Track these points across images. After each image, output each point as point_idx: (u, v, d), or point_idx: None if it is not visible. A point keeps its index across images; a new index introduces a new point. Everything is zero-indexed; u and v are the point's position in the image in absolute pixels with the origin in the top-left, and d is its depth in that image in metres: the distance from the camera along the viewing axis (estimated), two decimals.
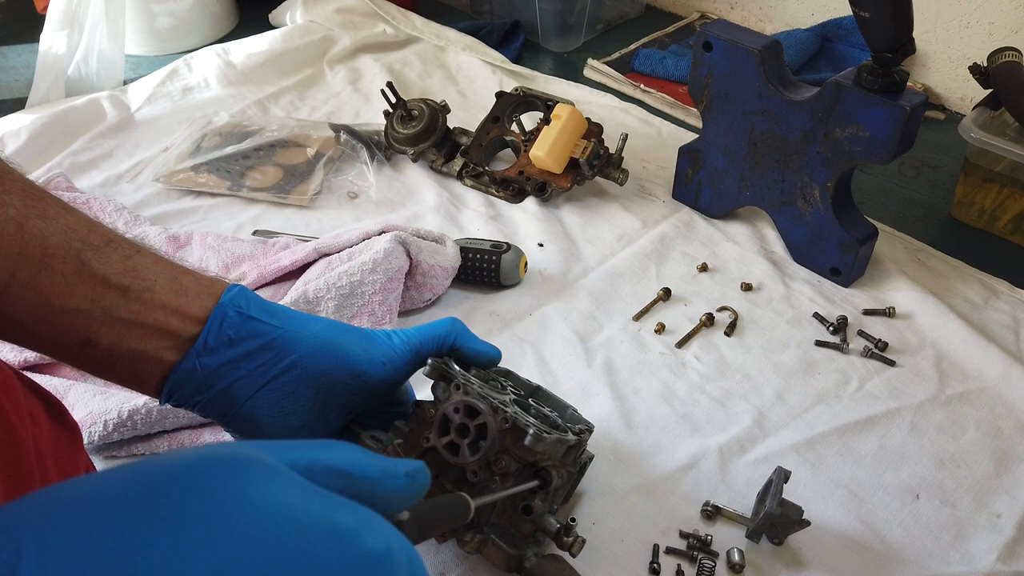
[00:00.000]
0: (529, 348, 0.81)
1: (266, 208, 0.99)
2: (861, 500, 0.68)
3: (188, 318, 0.48)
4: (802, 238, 0.91)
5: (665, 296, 0.87)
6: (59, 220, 0.45)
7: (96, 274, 0.45)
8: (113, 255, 0.46)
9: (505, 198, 1.01)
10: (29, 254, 0.43)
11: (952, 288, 0.90)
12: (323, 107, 1.20)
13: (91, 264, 0.45)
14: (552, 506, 0.57)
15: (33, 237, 0.43)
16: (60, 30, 1.17)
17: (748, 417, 0.75)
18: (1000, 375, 0.79)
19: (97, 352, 0.47)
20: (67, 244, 0.45)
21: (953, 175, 1.10)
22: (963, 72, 1.24)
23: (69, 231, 0.45)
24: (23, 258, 0.43)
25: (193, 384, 0.49)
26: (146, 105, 1.16)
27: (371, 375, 0.54)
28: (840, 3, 1.34)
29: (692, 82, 0.92)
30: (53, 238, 0.44)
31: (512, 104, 1.06)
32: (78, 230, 0.46)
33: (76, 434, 0.55)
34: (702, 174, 0.97)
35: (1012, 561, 0.64)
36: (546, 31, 1.40)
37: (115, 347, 0.47)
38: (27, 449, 0.44)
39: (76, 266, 0.45)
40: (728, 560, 0.63)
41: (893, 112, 0.77)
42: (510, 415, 0.53)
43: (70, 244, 0.45)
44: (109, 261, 0.46)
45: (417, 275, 0.82)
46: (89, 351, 0.47)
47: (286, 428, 0.52)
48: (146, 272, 0.47)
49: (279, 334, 0.51)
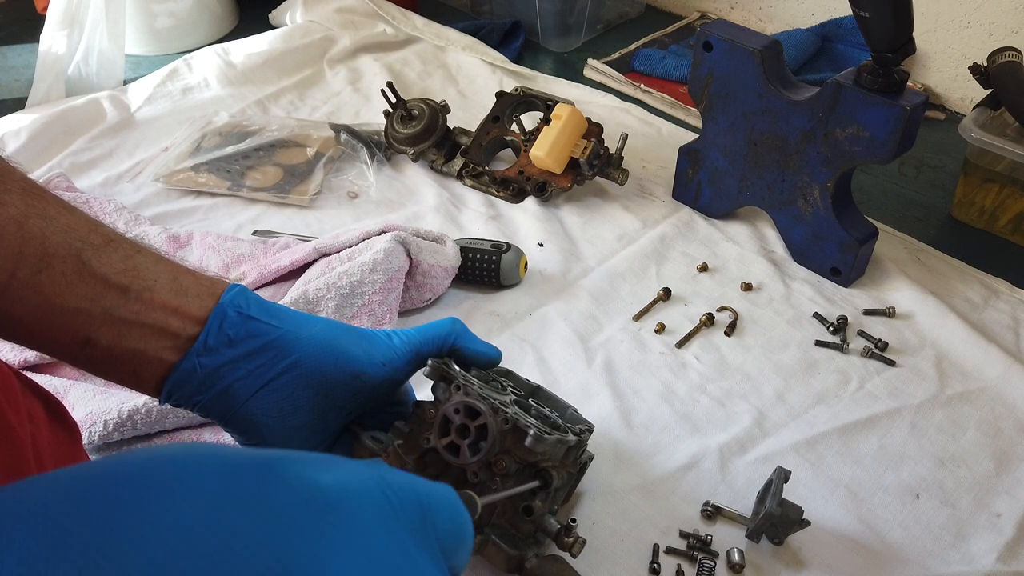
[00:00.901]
0: (529, 348, 0.81)
1: (266, 208, 0.99)
2: (861, 500, 0.68)
3: (188, 318, 0.49)
4: (802, 238, 0.91)
5: (665, 296, 0.87)
6: (60, 219, 0.45)
7: (96, 274, 0.45)
8: (113, 255, 0.46)
9: (505, 198, 1.01)
10: (29, 253, 0.43)
11: (952, 288, 0.90)
12: (323, 107, 1.20)
13: (91, 264, 0.45)
14: (553, 506, 0.57)
15: (33, 236, 0.43)
16: (60, 30, 1.17)
17: (748, 417, 0.75)
18: (1000, 375, 0.79)
19: (97, 351, 0.47)
20: (67, 244, 0.45)
21: (953, 175, 1.10)
22: (963, 72, 1.24)
23: (69, 230, 0.45)
24: (23, 257, 0.43)
25: (193, 384, 0.49)
26: (146, 105, 1.16)
27: (371, 376, 0.54)
28: (840, 3, 1.34)
29: (692, 82, 0.92)
30: (53, 237, 0.44)
31: (512, 104, 1.06)
32: (78, 230, 0.46)
33: (75, 433, 0.55)
34: (702, 174, 0.97)
35: (1012, 561, 0.64)
36: (546, 31, 1.40)
37: (115, 347, 0.47)
38: (25, 449, 0.44)
39: (76, 266, 0.45)
40: (728, 560, 0.63)
41: (893, 112, 0.77)
42: (511, 416, 0.53)
43: (70, 244, 0.45)
44: (109, 261, 0.46)
45: (417, 275, 0.82)
46: (89, 350, 0.47)
47: (285, 428, 0.52)
48: (146, 272, 0.47)
49: (279, 334, 0.51)
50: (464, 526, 0.35)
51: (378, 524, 0.30)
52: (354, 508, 0.30)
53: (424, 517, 0.33)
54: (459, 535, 0.35)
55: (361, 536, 0.29)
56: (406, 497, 0.32)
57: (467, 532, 0.36)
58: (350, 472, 0.31)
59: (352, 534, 0.29)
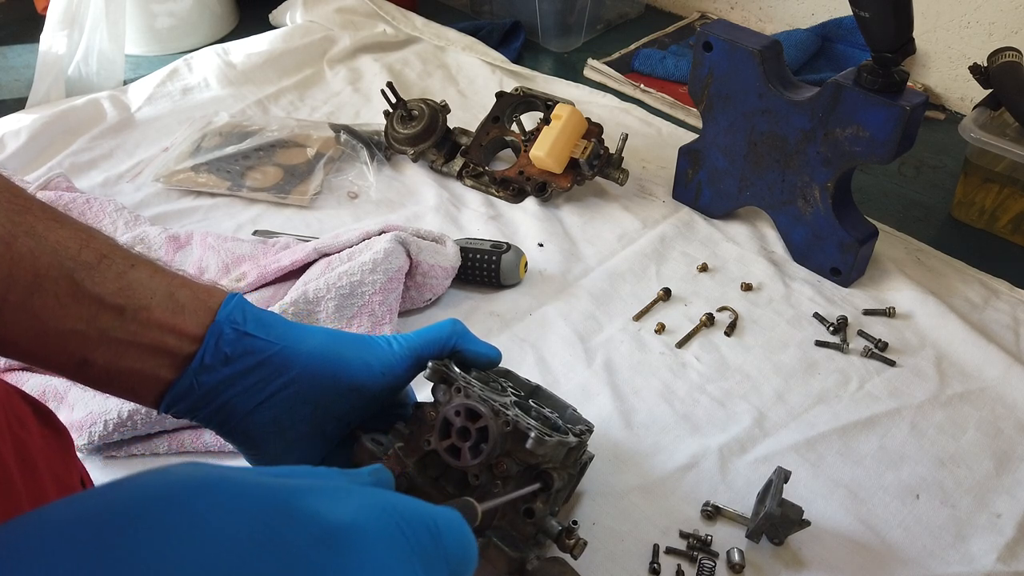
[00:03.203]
0: (529, 348, 0.81)
1: (266, 208, 0.99)
2: (861, 500, 0.68)
3: (185, 336, 0.48)
4: (802, 238, 0.91)
5: (665, 296, 0.87)
6: (49, 236, 0.44)
7: (90, 294, 0.45)
8: (107, 272, 0.46)
9: (505, 198, 1.01)
10: (19, 276, 0.42)
11: (952, 288, 0.90)
12: (323, 107, 1.20)
13: (84, 284, 0.44)
14: (554, 508, 0.57)
15: (23, 258, 0.42)
16: (60, 30, 1.17)
17: (748, 417, 0.75)
18: (1000, 375, 0.79)
19: (94, 371, 0.46)
20: (59, 264, 0.43)
21: (953, 175, 1.10)
22: (963, 72, 1.24)
23: (60, 249, 0.44)
24: (14, 280, 0.42)
25: (191, 400, 0.49)
26: (146, 105, 1.16)
27: (370, 387, 0.54)
28: (840, 3, 1.34)
29: (692, 82, 0.92)
30: (43, 258, 0.43)
31: (512, 104, 1.06)
32: (70, 247, 0.44)
33: (66, 437, 0.54)
34: (702, 174, 0.97)
35: (1012, 561, 0.64)
36: (546, 31, 1.40)
37: (112, 366, 0.46)
38: (6, 461, 0.43)
39: (69, 287, 0.44)
40: (728, 560, 0.63)
41: (893, 112, 0.77)
42: (511, 418, 0.53)
43: (62, 264, 0.44)
44: (103, 280, 0.45)
45: (417, 275, 0.82)
46: (86, 370, 0.46)
47: (284, 441, 0.52)
48: (141, 289, 0.47)
49: (275, 351, 0.50)
50: (470, 547, 0.36)
51: (392, 558, 0.31)
52: (368, 544, 0.30)
53: (435, 543, 0.33)
54: (466, 557, 0.35)
55: (376, 572, 0.30)
56: (417, 527, 0.33)
57: (473, 553, 0.36)
58: (362, 504, 0.31)
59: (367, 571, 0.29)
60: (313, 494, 0.31)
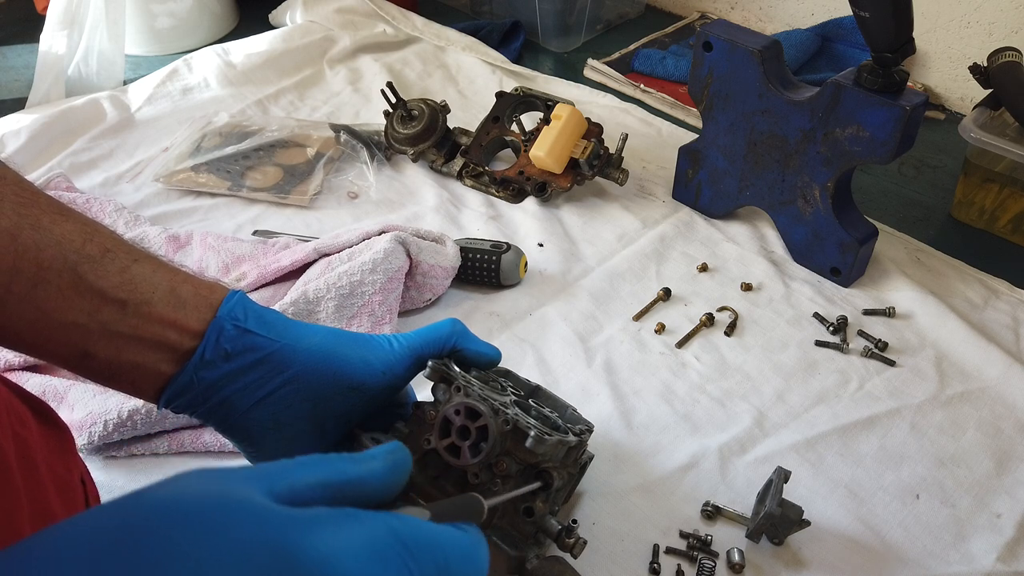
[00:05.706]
0: (529, 348, 0.81)
1: (266, 208, 0.99)
2: (861, 500, 0.68)
3: (186, 331, 0.48)
4: (802, 238, 0.91)
5: (665, 296, 0.87)
6: (54, 229, 0.44)
7: (93, 288, 0.45)
8: (110, 266, 0.46)
9: (505, 198, 1.01)
10: (24, 268, 0.43)
11: (952, 288, 0.90)
12: (323, 107, 1.20)
13: (88, 278, 0.45)
14: (554, 507, 0.57)
15: (27, 250, 0.43)
16: (60, 30, 1.17)
17: (748, 417, 0.75)
18: (1000, 375, 0.79)
19: (96, 363, 0.47)
20: (62, 257, 0.44)
21: (953, 175, 1.10)
22: (963, 72, 1.24)
23: (64, 242, 0.44)
24: (17, 272, 0.43)
25: (191, 395, 0.49)
26: (146, 105, 1.16)
27: (370, 386, 0.54)
28: (840, 3, 1.34)
29: (692, 82, 0.92)
30: (48, 250, 0.44)
31: (512, 104, 1.06)
32: (74, 240, 0.45)
33: (66, 435, 0.54)
34: (702, 174, 0.97)
35: (1012, 561, 0.64)
36: (546, 31, 1.40)
37: (113, 360, 0.47)
38: (7, 459, 0.43)
39: (72, 279, 0.44)
40: (728, 560, 0.63)
41: (893, 112, 0.77)
42: (511, 417, 0.53)
43: (65, 257, 0.44)
44: (106, 273, 0.46)
45: (417, 275, 0.82)
46: (88, 362, 0.46)
47: (282, 439, 0.52)
48: (144, 284, 0.47)
49: (275, 348, 0.51)
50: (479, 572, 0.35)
51: None
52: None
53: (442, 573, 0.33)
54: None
55: None
56: (424, 560, 0.32)
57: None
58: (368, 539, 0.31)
59: None
60: (317, 527, 0.30)
